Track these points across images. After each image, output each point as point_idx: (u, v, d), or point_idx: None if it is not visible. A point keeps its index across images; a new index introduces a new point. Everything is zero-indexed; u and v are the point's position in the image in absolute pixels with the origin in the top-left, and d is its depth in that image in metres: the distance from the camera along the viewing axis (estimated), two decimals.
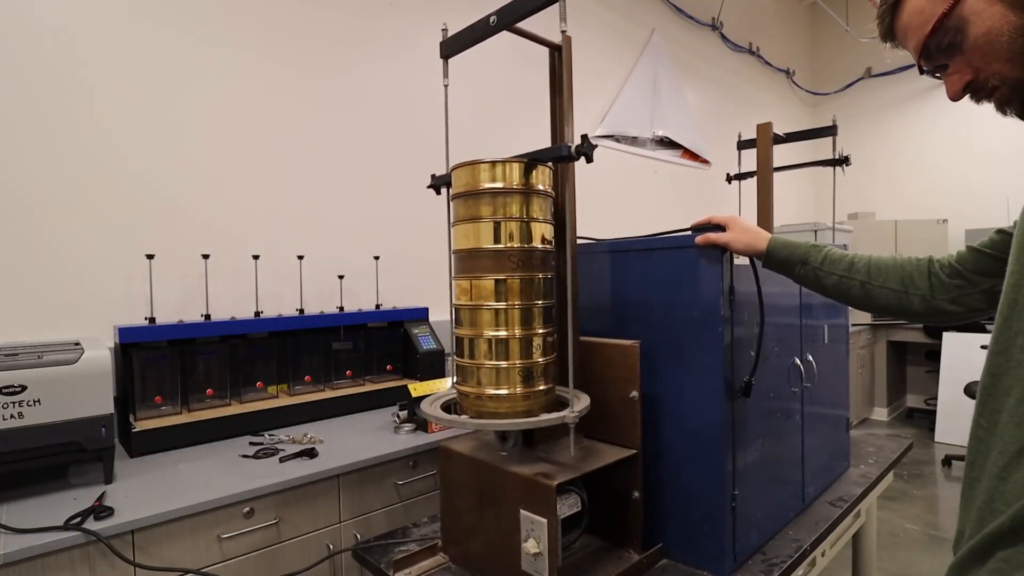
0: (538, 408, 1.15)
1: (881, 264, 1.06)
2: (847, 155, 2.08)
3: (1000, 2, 0.68)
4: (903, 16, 0.78)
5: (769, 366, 1.34)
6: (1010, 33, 0.68)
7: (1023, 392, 0.64)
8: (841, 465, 1.77)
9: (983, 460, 0.68)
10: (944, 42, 0.73)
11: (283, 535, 1.50)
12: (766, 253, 1.16)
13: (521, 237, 1.12)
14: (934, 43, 0.74)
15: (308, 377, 2.12)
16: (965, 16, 0.70)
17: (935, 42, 0.74)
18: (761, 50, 5.44)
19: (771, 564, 1.23)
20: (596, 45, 3.77)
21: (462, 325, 1.17)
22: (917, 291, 1.01)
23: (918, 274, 1.01)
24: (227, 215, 2.15)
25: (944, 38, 0.73)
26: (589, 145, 1.05)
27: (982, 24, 0.69)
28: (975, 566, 0.67)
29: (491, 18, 1.18)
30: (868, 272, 1.06)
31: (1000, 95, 0.72)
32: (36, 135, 1.77)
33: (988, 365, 0.69)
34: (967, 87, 0.74)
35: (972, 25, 0.70)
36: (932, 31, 0.73)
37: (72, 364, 1.38)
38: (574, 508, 1.14)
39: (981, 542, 0.66)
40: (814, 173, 6.16)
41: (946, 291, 0.98)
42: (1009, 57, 0.69)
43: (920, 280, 1.01)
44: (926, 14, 0.74)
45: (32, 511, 1.28)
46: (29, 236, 1.76)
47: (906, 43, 0.80)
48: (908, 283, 1.02)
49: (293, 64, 2.32)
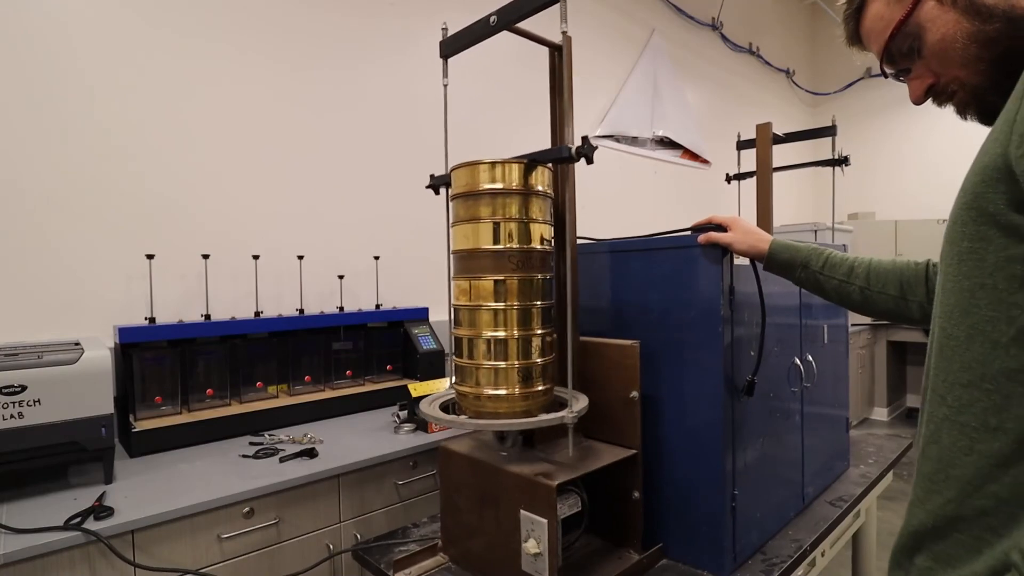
0: (537, 408, 1.15)
1: (880, 269, 1.06)
2: (847, 155, 2.08)
3: (953, 9, 0.69)
4: (866, 21, 0.80)
5: (769, 366, 1.34)
6: (963, 39, 0.69)
7: (931, 394, 0.67)
8: (841, 465, 1.77)
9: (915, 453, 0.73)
10: (904, 47, 0.75)
11: (283, 535, 1.50)
12: (768, 255, 1.16)
13: (520, 238, 1.12)
14: (895, 47, 0.76)
15: (308, 377, 2.12)
16: (921, 23, 0.72)
17: (895, 47, 0.75)
18: (761, 50, 5.44)
19: (771, 564, 1.23)
20: (596, 45, 3.77)
21: (461, 325, 1.17)
22: (915, 298, 1.01)
23: (916, 280, 1.02)
24: (227, 215, 2.16)
25: (904, 43, 0.74)
26: (589, 147, 1.05)
27: (937, 31, 0.71)
28: (907, 557, 0.70)
29: (491, 18, 1.18)
30: (867, 278, 1.06)
31: (959, 99, 0.73)
32: (36, 135, 1.77)
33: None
34: (928, 91, 0.75)
35: (928, 31, 0.71)
36: (891, 36, 0.75)
37: (72, 364, 1.38)
38: (574, 508, 1.14)
39: (908, 537, 0.69)
40: (814, 173, 6.15)
41: None
42: (964, 62, 0.70)
43: (918, 287, 1.01)
44: (885, 19, 0.76)
45: (32, 511, 1.28)
46: (29, 236, 1.76)
47: (870, 47, 0.82)
48: (907, 289, 1.02)
49: (293, 64, 2.32)
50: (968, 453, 0.62)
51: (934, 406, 0.66)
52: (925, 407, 0.69)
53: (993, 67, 0.68)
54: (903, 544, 0.70)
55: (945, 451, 0.64)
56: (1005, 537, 0.59)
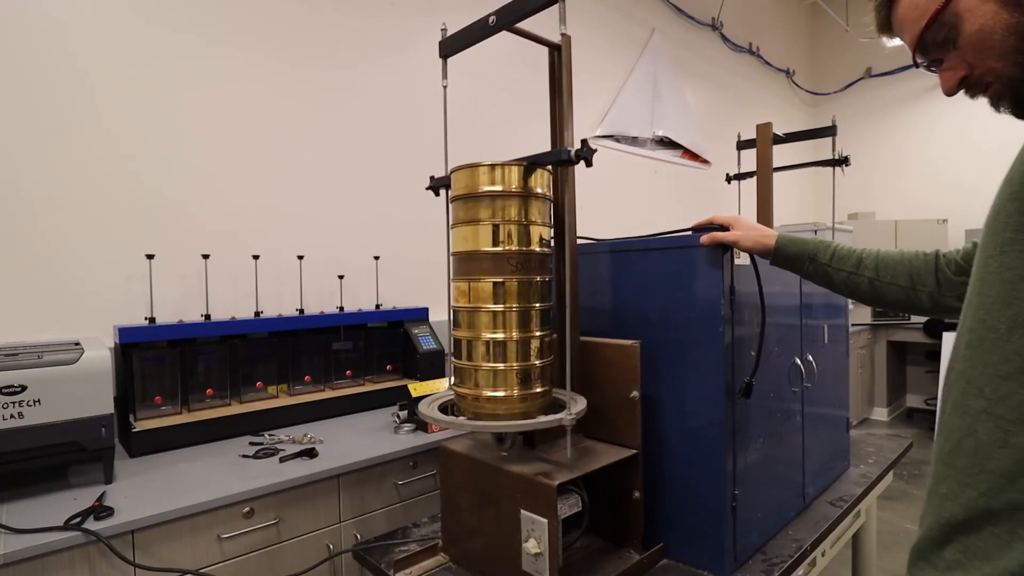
0: (535, 410, 1.15)
1: (889, 260, 1.06)
2: (847, 155, 2.08)
3: (993, 0, 0.68)
4: (899, 9, 0.78)
5: (769, 366, 1.34)
6: (1002, 31, 0.68)
7: (967, 385, 0.66)
8: (841, 465, 1.77)
9: (936, 446, 0.71)
10: (939, 37, 0.73)
11: (283, 535, 1.50)
12: (774, 249, 1.16)
13: (519, 240, 1.12)
14: (929, 37, 0.74)
15: (308, 377, 2.12)
16: (959, 12, 0.71)
17: (930, 36, 0.74)
18: (761, 50, 5.44)
19: (771, 564, 1.23)
20: (596, 45, 3.77)
21: (460, 327, 1.17)
22: (925, 288, 1.02)
23: (926, 271, 1.02)
24: (227, 215, 2.15)
25: (939, 33, 0.73)
26: (589, 150, 1.05)
27: (975, 21, 0.70)
28: (934, 551, 0.68)
29: (490, 18, 1.18)
30: (876, 269, 1.07)
31: (994, 91, 0.72)
32: (36, 135, 1.77)
33: (950, 357, 0.72)
34: (961, 82, 0.75)
35: (965, 22, 0.70)
36: (927, 26, 0.74)
37: (72, 364, 1.38)
38: (575, 508, 1.14)
39: (938, 530, 0.68)
40: (814, 173, 6.15)
41: (953, 288, 0.99)
42: (1002, 54, 0.69)
43: (928, 277, 1.02)
44: (921, 8, 0.74)
45: (32, 511, 1.28)
46: (29, 236, 1.76)
47: (902, 35, 0.80)
48: (916, 280, 1.03)
49: (293, 63, 2.32)
50: (1003, 446, 0.61)
51: (970, 398, 0.65)
52: (957, 400, 0.67)
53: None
54: (932, 537, 0.69)
55: (982, 444, 0.63)
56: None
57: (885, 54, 5.81)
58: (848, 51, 6.09)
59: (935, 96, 5.55)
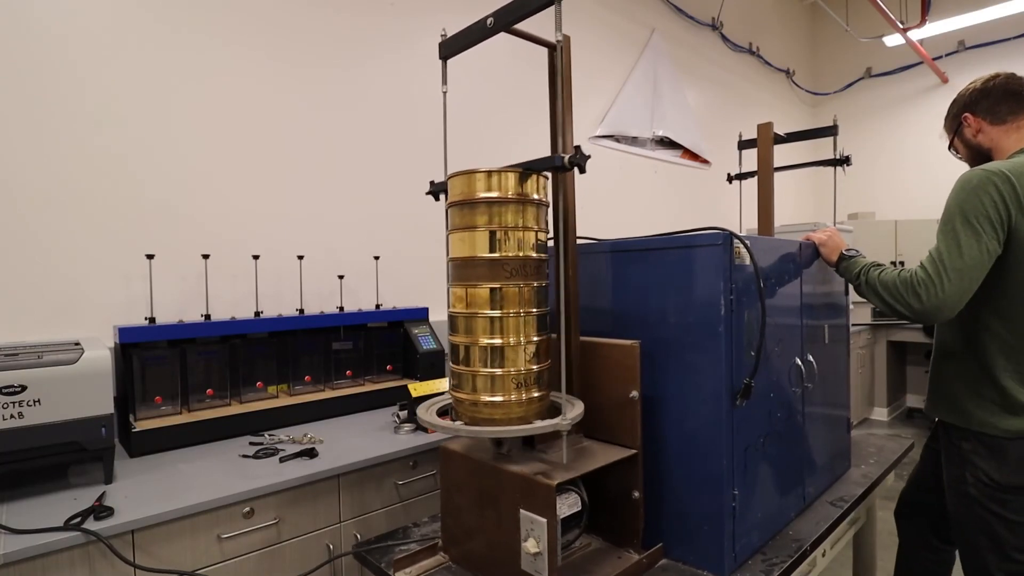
0: (532, 414, 1.15)
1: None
2: (847, 155, 2.08)
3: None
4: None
5: (770, 366, 1.34)
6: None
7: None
8: (842, 465, 1.76)
9: None
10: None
11: (283, 535, 1.50)
12: None
13: (516, 246, 1.12)
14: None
15: (308, 377, 2.12)
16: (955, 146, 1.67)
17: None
18: (761, 50, 5.44)
19: (771, 564, 1.23)
20: (596, 45, 3.77)
21: (458, 332, 1.17)
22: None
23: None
24: (227, 215, 2.15)
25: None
26: (582, 156, 1.06)
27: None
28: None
29: (488, 20, 1.18)
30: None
31: None
32: (35, 135, 1.77)
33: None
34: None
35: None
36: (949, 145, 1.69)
37: (72, 364, 1.38)
38: (574, 508, 1.14)
39: None
40: (814, 173, 6.15)
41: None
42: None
43: None
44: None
45: (32, 511, 1.28)
46: (29, 236, 1.76)
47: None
48: None
49: (293, 63, 2.32)
50: None
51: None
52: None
53: None
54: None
55: None
56: None
57: (885, 54, 5.81)
58: (848, 51, 6.09)
59: (935, 96, 5.55)
